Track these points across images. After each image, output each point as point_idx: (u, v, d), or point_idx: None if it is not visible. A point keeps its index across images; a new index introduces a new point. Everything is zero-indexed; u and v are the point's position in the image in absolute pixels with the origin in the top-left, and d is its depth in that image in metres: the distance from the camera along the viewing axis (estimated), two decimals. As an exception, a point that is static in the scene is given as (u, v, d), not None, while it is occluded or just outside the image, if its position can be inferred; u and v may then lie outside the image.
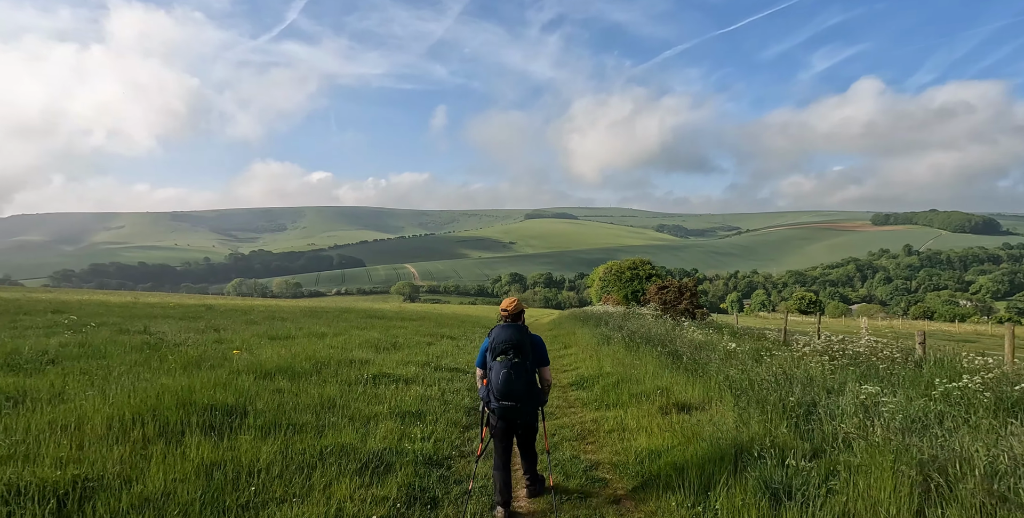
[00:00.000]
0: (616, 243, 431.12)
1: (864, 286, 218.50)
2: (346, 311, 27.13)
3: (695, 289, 20.94)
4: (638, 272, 32.58)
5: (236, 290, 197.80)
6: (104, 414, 5.44)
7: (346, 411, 6.61)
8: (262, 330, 15.01)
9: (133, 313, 20.07)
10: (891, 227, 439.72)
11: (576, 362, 12.32)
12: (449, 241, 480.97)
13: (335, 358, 10.11)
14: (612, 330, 15.73)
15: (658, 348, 10.92)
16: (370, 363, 10.15)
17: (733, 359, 9.49)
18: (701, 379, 8.09)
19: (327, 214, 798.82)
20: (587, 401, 8.34)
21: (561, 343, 16.33)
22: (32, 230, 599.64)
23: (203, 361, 8.86)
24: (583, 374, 10.30)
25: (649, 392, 7.93)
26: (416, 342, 14.47)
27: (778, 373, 7.00)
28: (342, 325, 17.93)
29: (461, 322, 24.77)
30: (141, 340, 11.20)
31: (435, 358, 11.67)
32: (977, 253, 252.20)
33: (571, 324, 22.53)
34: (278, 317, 20.21)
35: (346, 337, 13.98)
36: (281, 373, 8.34)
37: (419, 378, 9.21)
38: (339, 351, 11.24)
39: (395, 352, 12.10)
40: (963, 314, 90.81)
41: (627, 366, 10.04)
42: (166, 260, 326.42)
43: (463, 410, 7.48)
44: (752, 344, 11.75)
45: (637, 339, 12.43)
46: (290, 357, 9.69)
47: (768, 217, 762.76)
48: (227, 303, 29.75)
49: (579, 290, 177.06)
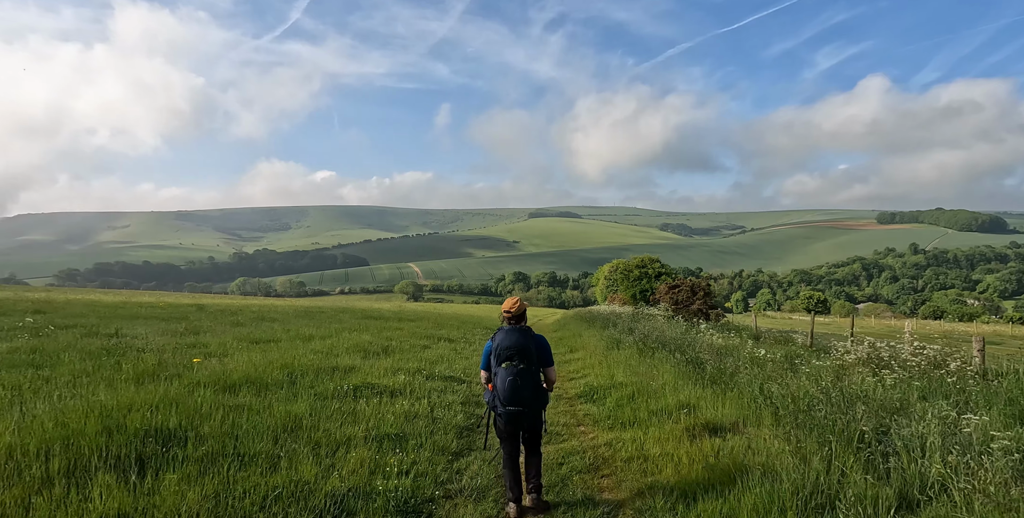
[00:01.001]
0: (620, 242, 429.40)
1: (870, 285, 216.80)
2: (342, 311, 26.08)
3: (708, 288, 19.78)
4: (647, 270, 31.23)
5: (240, 289, 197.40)
6: (2, 444, 4.38)
7: (313, 434, 5.54)
8: (246, 332, 13.97)
9: (118, 313, 19.07)
10: (897, 226, 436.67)
11: (584, 368, 11.23)
12: (453, 240, 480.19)
13: (315, 365, 9.06)
14: (622, 332, 14.62)
15: (676, 354, 9.81)
16: (355, 371, 9.09)
17: (762, 367, 8.40)
18: (731, 393, 6.99)
19: (331, 213, 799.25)
20: (598, 418, 7.24)
21: (567, 346, 15.22)
22: (38, 229, 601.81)
23: (161, 370, 7.81)
24: (592, 384, 9.21)
25: (671, 408, 6.83)
26: (410, 346, 13.40)
27: (829, 388, 5.89)
28: (334, 327, 16.87)
29: (462, 323, 23.68)
30: (103, 345, 10.15)
31: (429, 365, 10.59)
32: (984, 252, 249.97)
33: (577, 325, 21.43)
34: (268, 318, 19.17)
35: (334, 340, 12.92)
36: (248, 385, 7.28)
37: (407, 389, 8.13)
38: (322, 357, 10.19)
39: (385, 358, 11.03)
40: (971, 313, 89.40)
41: (642, 375, 8.95)
42: (171, 259, 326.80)
43: (454, 431, 6.39)
44: (781, 349, 10.64)
45: (651, 343, 11.31)
46: (264, 364, 8.63)
47: (772, 216, 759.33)
48: (220, 303, 28.76)
49: (583, 289, 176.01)
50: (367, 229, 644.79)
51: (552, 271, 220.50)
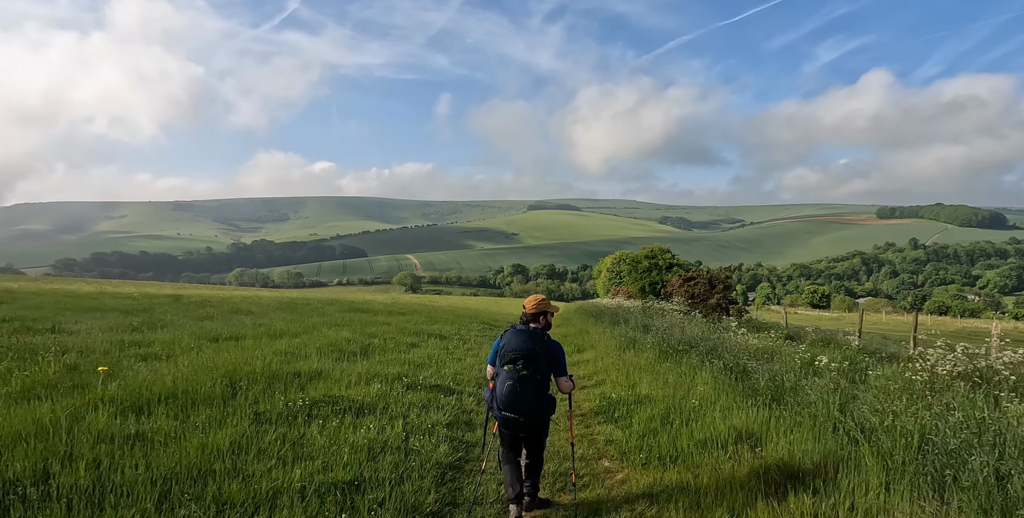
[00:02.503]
0: (620, 235, 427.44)
1: (870, 280, 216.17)
2: (330, 303, 24.35)
3: (728, 281, 18.02)
4: (657, 262, 29.24)
5: (237, 280, 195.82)
6: None
7: (227, 485, 3.86)
8: (210, 327, 12.27)
9: (82, 305, 17.31)
10: (897, 221, 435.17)
11: (597, 373, 9.54)
12: (452, 232, 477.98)
13: (271, 371, 7.38)
14: (635, 330, 12.94)
15: (710, 359, 8.12)
16: (320, 379, 7.42)
17: (819, 376, 6.73)
18: (800, 418, 5.32)
19: (330, 204, 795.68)
20: (626, 447, 5.55)
21: (573, 345, 13.50)
22: (35, 219, 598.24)
23: (63, 380, 6.12)
24: (610, 395, 7.52)
25: (723, 437, 5.16)
26: (395, 344, 11.70)
27: (979, 424, 4.18)
28: (313, 320, 15.17)
29: (457, 317, 21.96)
30: (7, 344, 8.41)
31: (413, 369, 8.91)
32: (984, 247, 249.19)
33: (582, 320, 19.72)
34: (244, 311, 17.44)
35: (307, 338, 11.23)
36: (170, 401, 5.60)
37: (380, 404, 6.46)
38: (285, 359, 8.51)
39: (362, 360, 9.35)
40: (973, 309, 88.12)
41: (673, 386, 7.26)
42: (168, 250, 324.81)
43: (433, 474, 4.66)
44: (826, 352, 8.96)
45: (675, 344, 9.61)
46: (204, 371, 6.96)
47: (772, 210, 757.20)
48: (201, 294, 27.02)
49: (582, 282, 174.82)
50: (366, 220, 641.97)
51: (551, 263, 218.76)
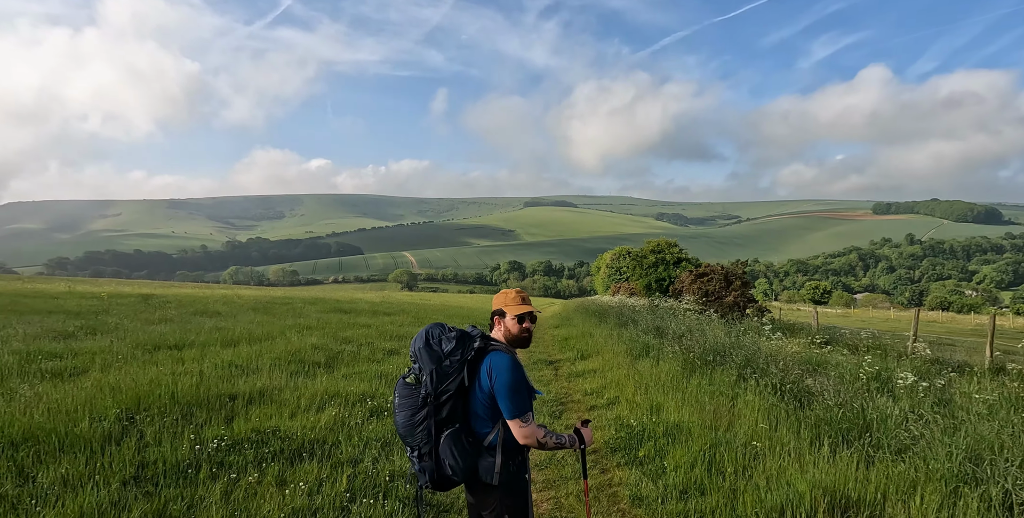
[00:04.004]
0: (616, 231, 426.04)
1: (867, 275, 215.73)
2: (313, 302, 22.69)
3: (745, 277, 16.40)
4: (664, 256, 27.54)
5: (232, 278, 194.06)
6: None
7: None
8: (158, 333, 10.62)
9: (33, 307, 15.54)
10: (892, 216, 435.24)
11: (606, 387, 7.92)
12: (448, 229, 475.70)
13: (200, 394, 5.76)
14: (647, 333, 11.34)
15: (752, 374, 6.50)
16: (261, 402, 5.81)
17: (897, 399, 5.15)
18: (916, 472, 3.73)
19: (325, 202, 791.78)
20: (662, 511, 3.95)
21: (574, 350, 11.87)
22: (28, 218, 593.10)
23: None
24: (629, 422, 5.92)
25: (807, 504, 3.57)
26: (370, 352, 10.08)
27: None
28: (285, 323, 13.52)
29: (448, 316, 20.35)
30: None
31: (384, 385, 7.30)
32: (980, 243, 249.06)
33: (583, 320, 18.09)
34: (211, 312, 15.79)
35: (267, 345, 9.59)
36: (23, 447, 3.99)
37: (331, 439, 4.86)
38: (227, 375, 6.88)
39: (324, 374, 7.73)
40: (972, 304, 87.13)
41: (714, 414, 5.65)
42: (163, 248, 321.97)
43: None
44: (879, 361, 7.38)
45: (701, 352, 7.97)
46: (107, 394, 5.33)
47: (768, 206, 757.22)
48: (173, 293, 25.29)
49: (578, 278, 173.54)
50: (362, 218, 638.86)
51: (548, 260, 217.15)
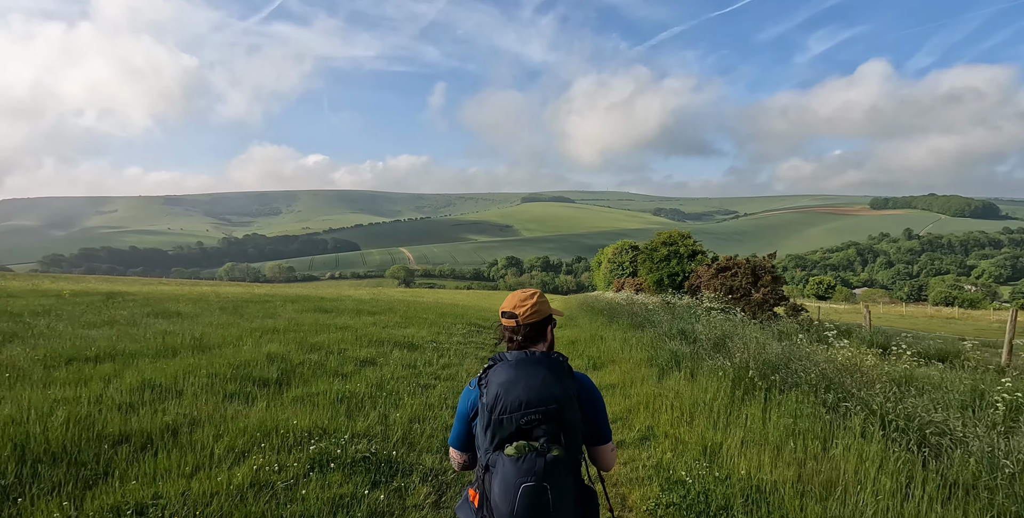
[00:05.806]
0: (614, 227, 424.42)
1: (865, 270, 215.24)
2: (294, 301, 20.89)
3: (775, 271, 14.58)
4: (677, 249, 25.69)
5: (228, 274, 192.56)
6: None
7: None
8: (88, 339, 8.86)
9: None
10: (890, 211, 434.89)
11: (631, 412, 6.19)
12: (446, 225, 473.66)
13: (78, 433, 4.05)
14: (671, 337, 9.62)
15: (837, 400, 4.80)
16: (162, 446, 4.11)
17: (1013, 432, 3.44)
18: None
19: (322, 198, 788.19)
20: None
21: (585, 357, 10.07)
22: (23, 215, 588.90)
23: None
24: (677, 472, 4.21)
25: None
26: (339, 362, 8.32)
27: None
28: (252, 325, 11.77)
29: (440, 316, 18.54)
30: None
31: (344, 414, 5.57)
32: (978, 237, 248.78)
33: (590, 320, 16.30)
34: (173, 313, 14.02)
35: (212, 355, 7.85)
36: None
37: (236, 516, 3.17)
38: (134, 401, 5.17)
39: (273, 395, 6.01)
40: (972, 299, 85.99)
41: (797, 460, 3.96)
42: (159, 244, 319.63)
43: None
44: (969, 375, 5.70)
45: (760, 367, 6.23)
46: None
47: (766, 201, 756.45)
48: (144, 291, 23.47)
49: (576, 274, 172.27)
50: (359, 214, 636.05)
51: (546, 256, 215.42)
